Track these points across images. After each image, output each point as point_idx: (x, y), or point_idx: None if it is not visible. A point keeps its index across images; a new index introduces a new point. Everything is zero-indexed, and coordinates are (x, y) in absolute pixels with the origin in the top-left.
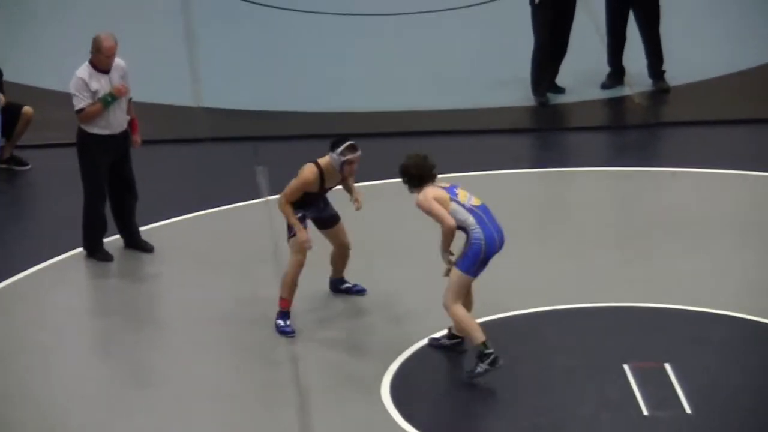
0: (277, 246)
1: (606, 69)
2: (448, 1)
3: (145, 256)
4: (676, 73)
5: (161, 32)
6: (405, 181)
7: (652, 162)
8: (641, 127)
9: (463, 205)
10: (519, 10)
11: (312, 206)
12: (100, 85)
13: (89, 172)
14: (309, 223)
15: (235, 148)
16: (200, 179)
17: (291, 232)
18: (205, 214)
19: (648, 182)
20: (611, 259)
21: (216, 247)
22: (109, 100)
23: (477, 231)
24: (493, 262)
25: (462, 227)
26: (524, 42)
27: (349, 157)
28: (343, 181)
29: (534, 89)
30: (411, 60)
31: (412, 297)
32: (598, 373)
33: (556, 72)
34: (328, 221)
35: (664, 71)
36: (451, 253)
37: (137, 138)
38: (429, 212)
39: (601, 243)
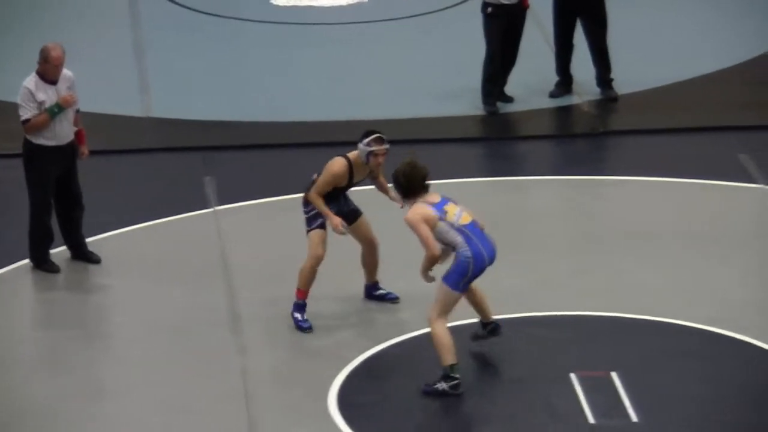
0: (225, 256)
1: (554, 78)
2: (399, 11)
3: (92, 268)
4: (623, 82)
5: (109, 43)
6: (396, 189)
7: (599, 171)
8: (590, 135)
9: (451, 225)
10: (469, 20)
11: (333, 202)
12: (47, 95)
13: (35, 183)
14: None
15: (184, 158)
16: (148, 190)
17: (311, 224)
18: (153, 224)
19: (595, 191)
20: (559, 268)
21: (164, 258)
22: (56, 110)
23: (465, 250)
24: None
25: (449, 245)
26: (474, 52)
27: (374, 148)
28: (375, 180)
29: (484, 99)
30: (361, 70)
31: (362, 307)
32: (546, 382)
33: (505, 81)
34: (349, 216)
35: (612, 80)
36: (432, 277)
37: (84, 149)
38: (416, 232)
39: (550, 252)
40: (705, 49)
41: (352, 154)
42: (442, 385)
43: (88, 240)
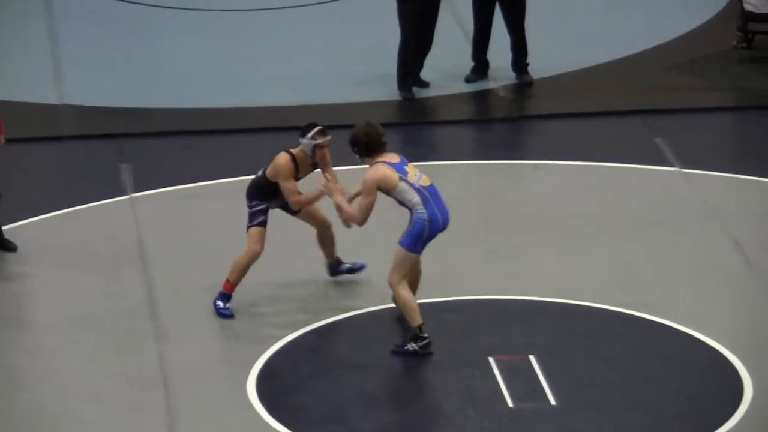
0: (142, 243)
1: (470, 63)
2: None
3: (9, 256)
4: (538, 67)
5: (23, 30)
6: (354, 151)
7: (516, 155)
8: (505, 120)
9: (412, 185)
10: (384, 5)
11: (276, 196)
12: None
13: None
14: (278, 213)
15: (99, 145)
16: (64, 177)
17: (252, 221)
18: (69, 212)
19: (512, 175)
20: (476, 252)
21: (81, 246)
22: None
23: (421, 211)
24: (358, 255)
25: (406, 205)
26: (390, 37)
27: (319, 141)
28: (322, 171)
29: (400, 84)
30: (277, 56)
31: (279, 293)
32: (464, 366)
33: (421, 67)
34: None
35: (527, 65)
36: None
37: (1, 138)
38: (363, 194)
39: (467, 236)
40: (619, 33)
41: (294, 150)
42: (412, 346)
43: (4, 228)
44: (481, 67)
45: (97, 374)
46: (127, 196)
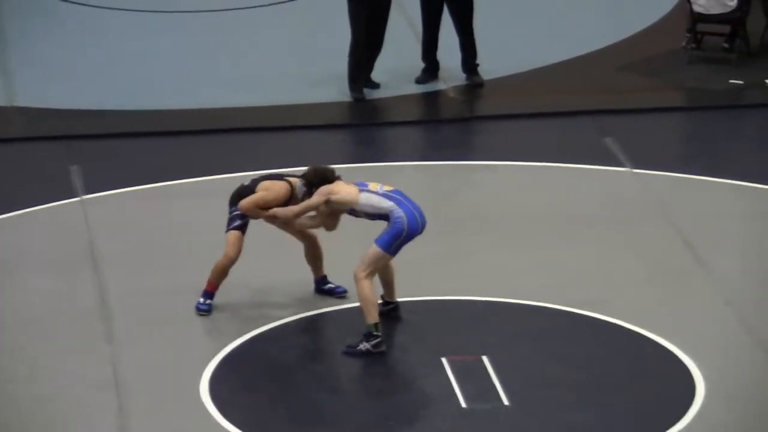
0: (93, 245)
1: (420, 64)
2: None
3: None
4: (488, 68)
5: None
6: (309, 186)
7: (467, 156)
8: (456, 121)
9: (375, 192)
10: (335, 6)
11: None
12: None
13: None
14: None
15: (49, 147)
16: (13, 179)
17: (230, 225)
18: (19, 214)
19: (463, 176)
20: (428, 253)
21: (31, 248)
22: None
23: (397, 211)
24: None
25: (381, 214)
26: (340, 38)
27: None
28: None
29: (350, 85)
30: (227, 57)
31: (235, 296)
32: (417, 367)
33: (371, 68)
34: None
35: (477, 65)
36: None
37: None
38: (314, 196)
39: (418, 237)
40: (569, 33)
41: (293, 181)
42: (365, 345)
43: None
44: (431, 68)
45: (47, 376)
46: (78, 198)
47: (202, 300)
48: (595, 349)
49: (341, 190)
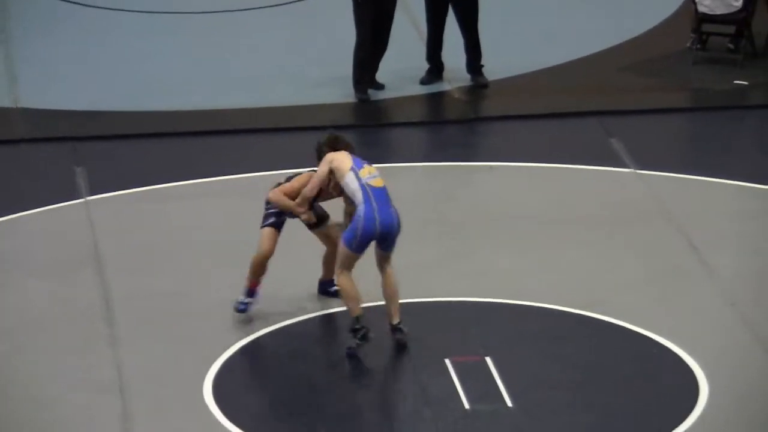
0: (97, 246)
1: (425, 65)
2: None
3: None
4: (493, 68)
5: None
6: (319, 153)
7: (471, 157)
8: (460, 122)
9: (359, 179)
10: (340, 6)
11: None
12: None
13: None
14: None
15: (54, 148)
16: (18, 181)
17: (264, 222)
18: (23, 216)
19: (467, 177)
20: (431, 254)
21: (36, 250)
22: None
23: (360, 208)
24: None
25: (354, 202)
26: (345, 39)
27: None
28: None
29: (355, 86)
30: (233, 58)
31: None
32: (420, 368)
33: (376, 68)
34: (319, 219)
35: (482, 66)
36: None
37: None
38: (320, 165)
39: (421, 238)
40: (574, 34)
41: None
42: (355, 342)
43: None
44: (435, 69)
45: (51, 379)
46: (82, 200)
47: (241, 298)
48: (599, 350)
49: (341, 159)
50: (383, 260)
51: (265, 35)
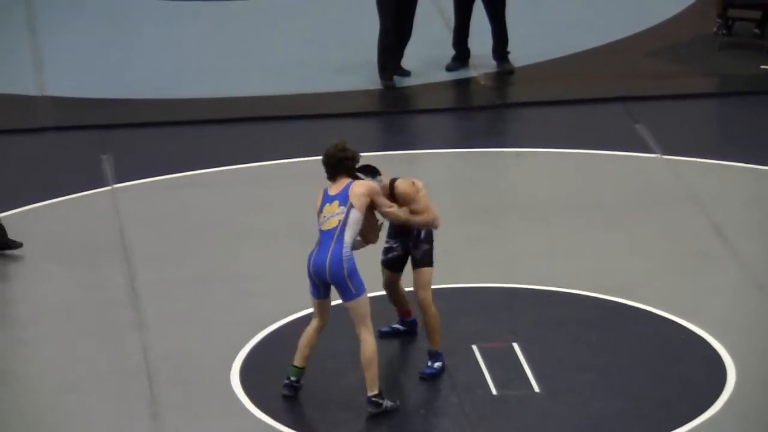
0: (124, 234)
1: (451, 51)
2: None
3: None
4: (519, 55)
5: (2, 20)
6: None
7: (497, 143)
8: (486, 108)
9: (319, 228)
10: None
11: (401, 235)
12: None
13: None
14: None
15: (80, 136)
16: (45, 169)
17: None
18: (50, 203)
19: (493, 163)
20: (458, 240)
21: (62, 237)
22: None
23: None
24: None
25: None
26: (370, 26)
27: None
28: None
29: (380, 73)
30: (258, 45)
31: (263, 283)
32: (447, 354)
33: (401, 55)
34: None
35: (508, 53)
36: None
37: None
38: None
39: (448, 224)
40: (599, 20)
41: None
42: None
43: None
44: (461, 56)
45: (79, 364)
46: (109, 187)
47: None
48: (626, 334)
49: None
50: (354, 319)
51: (291, 22)
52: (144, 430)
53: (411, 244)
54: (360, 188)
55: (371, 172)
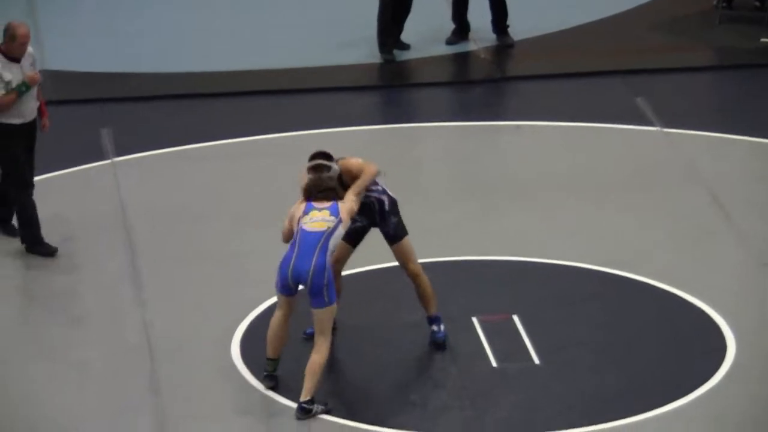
0: (124, 208)
1: (450, 25)
2: None
3: None
4: (519, 28)
5: None
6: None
7: (497, 116)
8: (486, 82)
9: (300, 226)
10: None
11: (365, 211)
12: (13, 74)
13: (10, 164)
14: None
15: (80, 110)
16: (44, 143)
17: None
18: (50, 177)
19: (493, 136)
20: (457, 213)
21: (62, 211)
22: (23, 89)
23: (287, 250)
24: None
25: None
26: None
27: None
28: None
29: (380, 46)
30: (258, 19)
31: (263, 258)
32: (447, 326)
33: (401, 29)
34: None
35: (508, 26)
36: None
37: (46, 121)
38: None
39: (448, 197)
40: None
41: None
42: (266, 382)
43: None
44: (461, 29)
45: (80, 341)
46: (109, 161)
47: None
48: (626, 308)
49: (293, 214)
50: (316, 325)
51: None
52: (146, 405)
53: (378, 219)
54: (346, 207)
55: (328, 157)
